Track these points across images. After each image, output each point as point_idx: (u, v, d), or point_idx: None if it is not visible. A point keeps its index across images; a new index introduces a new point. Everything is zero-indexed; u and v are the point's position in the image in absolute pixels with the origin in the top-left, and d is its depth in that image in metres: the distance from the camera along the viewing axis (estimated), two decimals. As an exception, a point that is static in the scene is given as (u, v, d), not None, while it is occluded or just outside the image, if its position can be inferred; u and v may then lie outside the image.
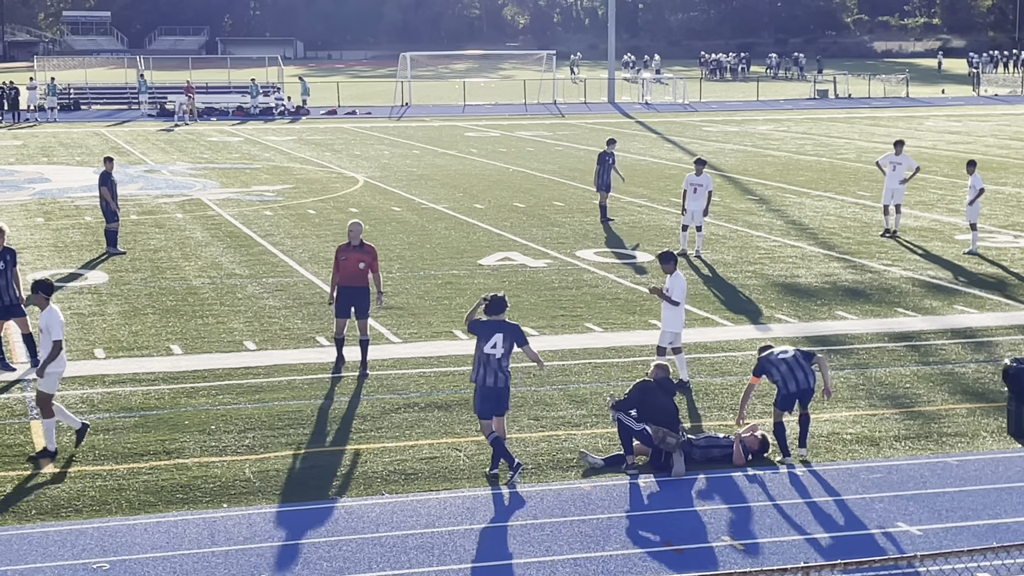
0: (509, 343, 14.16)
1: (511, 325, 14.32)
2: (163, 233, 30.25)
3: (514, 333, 14.23)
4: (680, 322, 17.27)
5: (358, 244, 18.25)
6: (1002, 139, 54.27)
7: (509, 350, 14.17)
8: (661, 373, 14.70)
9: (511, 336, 14.19)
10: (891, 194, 29.73)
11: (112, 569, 11.81)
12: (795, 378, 14.69)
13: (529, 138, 56.10)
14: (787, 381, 14.69)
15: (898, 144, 30.11)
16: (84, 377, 18.03)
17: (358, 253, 18.19)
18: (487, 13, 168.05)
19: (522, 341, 14.27)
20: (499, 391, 14.21)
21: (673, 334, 17.28)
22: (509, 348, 14.17)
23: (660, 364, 14.94)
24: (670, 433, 14.31)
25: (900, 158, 29.75)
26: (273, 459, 14.69)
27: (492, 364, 14.16)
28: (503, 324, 14.25)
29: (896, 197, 29.68)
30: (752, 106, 77.24)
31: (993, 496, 13.59)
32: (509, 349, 14.17)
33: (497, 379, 14.16)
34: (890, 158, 30.05)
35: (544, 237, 29.42)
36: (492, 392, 14.20)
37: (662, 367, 14.82)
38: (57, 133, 58.83)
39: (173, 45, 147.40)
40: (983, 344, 19.89)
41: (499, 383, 14.17)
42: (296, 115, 70.57)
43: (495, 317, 14.28)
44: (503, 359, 14.15)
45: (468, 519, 12.98)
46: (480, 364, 14.21)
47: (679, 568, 11.76)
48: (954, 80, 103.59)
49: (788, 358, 14.81)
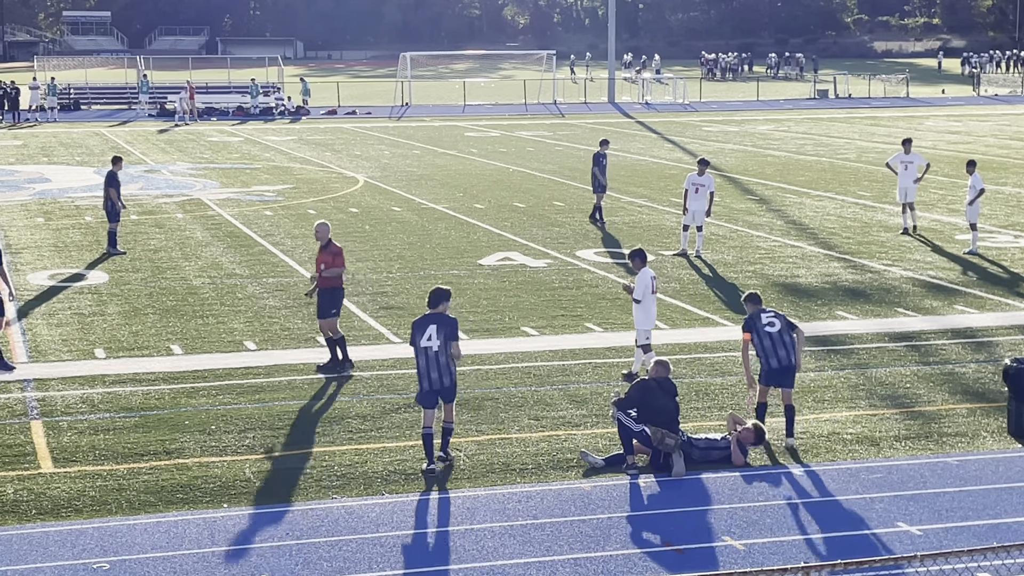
0: (444, 335, 14.26)
1: (447, 318, 14.44)
2: (163, 233, 30.25)
3: (449, 325, 14.36)
4: (646, 319, 17.60)
5: (325, 244, 18.65)
6: (1002, 139, 54.27)
7: (445, 343, 14.25)
8: (661, 371, 14.72)
9: (445, 328, 14.31)
10: (905, 193, 30.17)
11: (112, 569, 11.81)
12: (777, 355, 15.13)
13: (529, 138, 56.11)
14: (769, 357, 15.14)
15: (907, 143, 30.65)
16: (84, 377, 18.03)
17: (323, 254, 18.58)
18: (487, 13, 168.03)
19: (453, 336, 14.33)
20: (452, 384, 14.43)
21: (643, 331, 17.63)
22: (444, 341, 14.25)
23: (659, 361, 14.96)
24: (669, 434, 14.31)
25: (911, 157, 30.24)
26: (273, 459, 14.69)
27: (431, 357, 14.30)
28: (439, 316, 14.40)
29: (910, 195, 30.13)
30: (752, 106, 77.24)
31: (993, 496, 13.59)
32: (444, 342, 14.25)
33: (442, 372, 14.32)
34: (900, 157, 30.46)
35: (544, 237, 29.42)
36: (443, 384, 14.37)
37: (662, 364, 14.84)
38: (57, 133, 58.84)
39: (173, 45, 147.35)
40: (983, 344, 19.89)
41: (446, 376, 14.34)
42: (296, 115, 70.56)
43: (433, 310, 14.48)
44: (440, 352, 14.26)
45: (468, 519, 12.98)
46: (419, 359, 14.38)
47: (679, 568, 11.76)
48: (954, 80, 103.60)
49: (773, 333, 15.18)
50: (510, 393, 17.23)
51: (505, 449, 15.01)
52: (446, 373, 14.34)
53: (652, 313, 17.72)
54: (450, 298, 14.67)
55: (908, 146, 30.43)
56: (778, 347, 15.16)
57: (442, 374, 14.32)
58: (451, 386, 14.47)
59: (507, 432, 15.64)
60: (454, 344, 14.32)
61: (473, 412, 16.42)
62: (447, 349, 14.27)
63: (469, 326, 20.90)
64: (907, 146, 30.43)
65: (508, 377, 18.02)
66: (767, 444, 14.90)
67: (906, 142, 30.67)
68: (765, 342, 15.19)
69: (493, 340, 20.06)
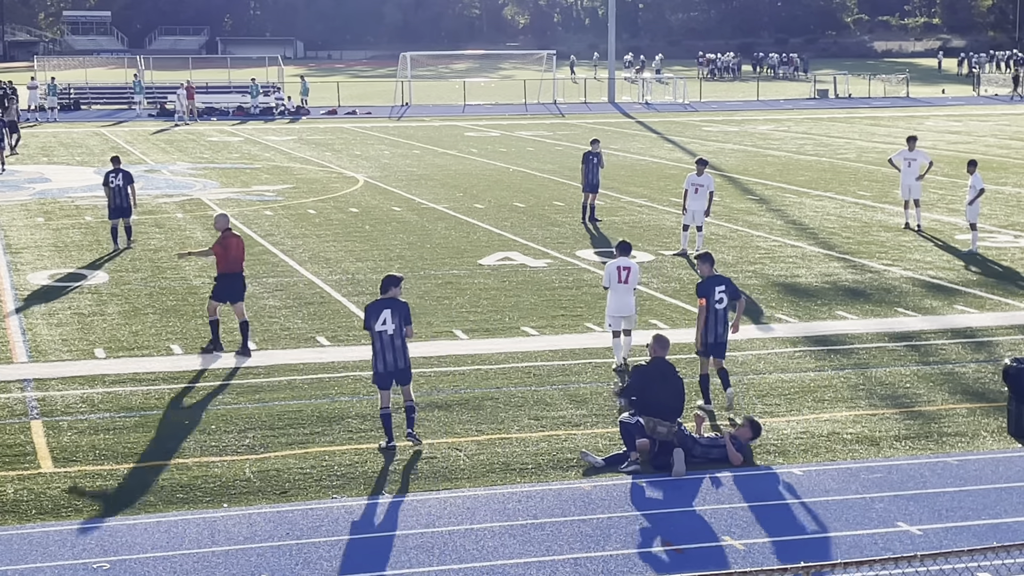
0: (397, 319, 14.85)
1: (400, 302, 15.03)
2: (163, 233, 30.25)
3: (402, 309, 14.96)
4: (615, 307, 18.23)
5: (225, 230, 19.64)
6: (1002, 139, 54.27)
7: (400, 325, 14.85)
8: (659, 350, 14.78)
9: (399, 311, 14.91)
10: (908, 190, 30.38)
11: (112, 569, 11.81)
12: (716, 331, 16.38)
13: (529, 138, 56.11)
14: (709, 331, 16.34)
15: (911, 140, 30.85)
16: (84, 377, 18.03)
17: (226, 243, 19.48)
18: (487, 13, 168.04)
19: (407, 320, 14.99)
20: (406, 367, 15.03)
21: (608, 317, 18.43)
22: (399, 324, 14.85)
23: (657, 336, 15.07)
24: (660, 422, 14.35)
25: (914, 154, 30.43)
26: (273, 459, 14.69)
27: (386, 340, 14.88)
28: (392, 301, 15.00)
29: (914, 192, 30.33)
30: (752, 106, 77.24)
31: (993, 496, 13.59)
32: (399, 325, 14.85)
33: (397, 354, 14.94)
34: (904, 154, 30.66)
35: (544, 237, 29.42)
36: (398, 367, 14.97)
37: (659, 341, 14.92)
38: (57, 133, 58.85)
39: (173, 45, 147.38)
40: (983, 344, 19.89)
41: (400, 359, 14.96)
42: (296, 115, 70.58)
43: (385, 295, 15.07)
44: (395, 335, 14.87)
45: (467, 519, 12.98)
46: (376, 341, 14.95)
47: (679, 568, 11.76)
48: (954, 80, 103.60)
49: (720, 310, 16.36)
50: (510, 393, 17.23)
51: (505, 449, 15.01)
52: (401, 355, 14.97)
53: (624, 303, 18.19)
54: (400, 283, 15.30)
55: (912, 143, 30.59)
56: (719, 324, 16.40)
57: (397, 356, 14.96)
58: (406, 368, 15.09)
59: (507, 432, 15.64)
60: (408, 327, 14.98)
61: (473, 412, 16.42)
62: (402, 332, 14.92)
63: (469, 326, 20.91)
64: (911, 143, 30.59)
65: (508, 377, 18.02)
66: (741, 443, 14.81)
67: (911, 139, 30.84)
68: (710, 317, 16.33)
69: (493, 340, 20.06)
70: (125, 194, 28.25)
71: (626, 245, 18.57)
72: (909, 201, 30.39)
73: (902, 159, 30.59)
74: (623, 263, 18.22)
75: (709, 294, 16.34)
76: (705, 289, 16.41)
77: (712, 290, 16.36)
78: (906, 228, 30.10)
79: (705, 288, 16.42)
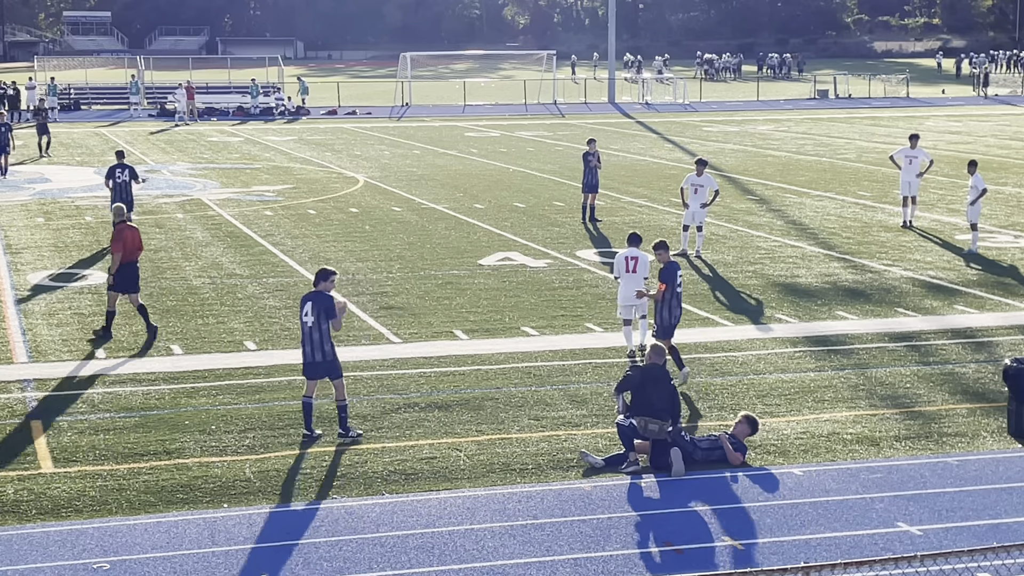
0: (318, 311, 14.97)
1: (322, 295, 15.10)
2: (163, 233, 30.26)
3: (323, 302, 15.05)
4: (624, 295, 18.85)
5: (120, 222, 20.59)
6: (1002, 139, 54.28)
7: (319, 317, 14.96)
8: (654, 358, 14.79)
9: (319, 305, 15.02)
10: (908, 186, 30.90)
11: (112, 569, 11.81)
12: (672, 313, 17.47)
13: (529, 138, 56.11)
14: (671, 314, 17.46)
15: (913, 138, 31.65)
16: (84, 377, 18.04)
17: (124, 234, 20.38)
18: (487, 13, 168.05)
19: (331, 314, 15.04)
20: (324, 360, 15.11)
21: (622, 307, 19.00)
22: (319, 316, 14.96)
23: (655, 346, 15.08)
24: (652, 420, 14.37)
25: (916, 152, 31.11)
26: (273, 459, 14.70)
27: (306, 332, 15.09)
28: (316, 294, 15.15)
29: (912, 189, 30.88)
30: (752, 106, 77.25)
31: (993, 496, 13.59)
32: (319, 317, 14.96)
33: (314, 347, 15.08)
34: (906, 152, 31.27)
35: (544, 237, 29.42)
36: (315, 359, 15.10)
37: (657, 350, 14.93)
38: (57, 133, 58.78)
39: (173, 45, 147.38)
40: (983, 344, 19.89)
41: (317, 352, 15.09)
42: (296, 115, 70.57)
43: (315, 288, 15.25)
44: (314, 328, 15.01)
45: (468, 519, 12.98)
46: (302, 333, 15.22)
47: (679, 568, 11.76)
48: (954, 80, 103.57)
49: (679, 292, 17.49)
50: (510, 393, 17.24)
51: (505, 449, 15.01)
52: (319, 348, 15.10)
53: (624, 290, 18.86)
54: (330, 277, 15.34)
55: (914, 141, 31.34)
56: (674, 307, 17.49)
57: (315, 348, 15.12)
58: (325, 362, 15.18)
59: (507, 432, 15.64)
60: (332, 320, 15.03)
61: (473, 412, 16.42)
62: (320, 325, 15.02)
63: (469, 326, 20.91)
64: (913, 141, 31.34)
65: (508, 377, 18.02)
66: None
67: (913, 137, 31.59)
68: (672, 300, 17.39)
69: (493, 340, 20.06)
70: (129, 188, 29.17)
71: (636, 237, 19.26)
72: (908, 198, 30.78)
73: (903, 156, 31.13)
74: (631, 253, 18.88)
75: (671, 279, 17.45)
76: (668, 275, 17.46)
77: (674, 275, 17.54)
78: (903, 227, 30.33)
79: (668, 274, 17.48)
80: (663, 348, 15.16)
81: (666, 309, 17.46)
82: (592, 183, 31.45)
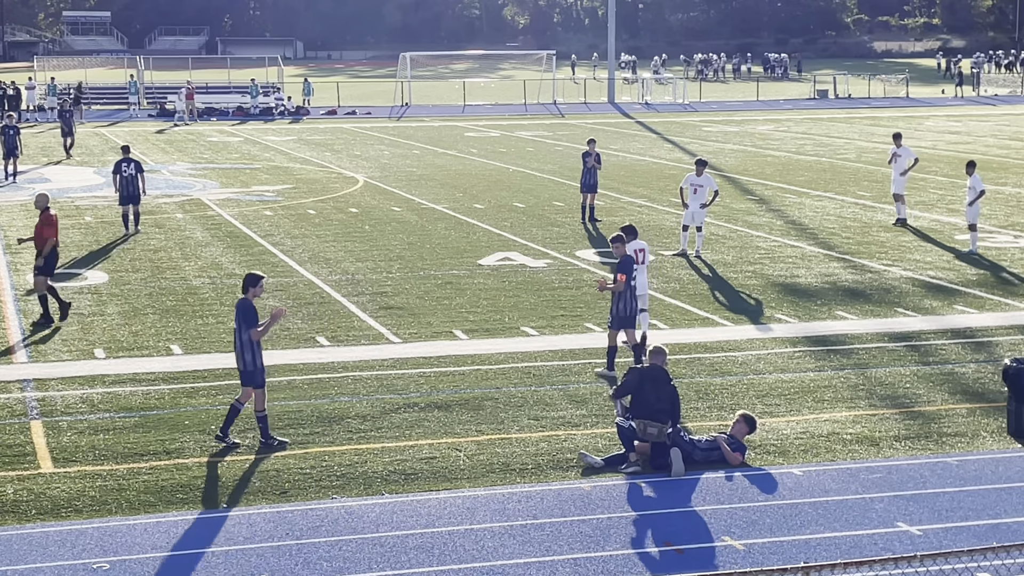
0: (238, 319, 14.89)
1: (243, 303, 14.96)
2: (163, 233, 30.26)
3: (242, 310, 14.92)
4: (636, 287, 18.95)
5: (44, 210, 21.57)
6: (1002, 139, 54.27)
7: (239, 326, 14.82)
8: (655, 359, 14.79)
9: (238, 312, 14.93)
10: (893, 184, 31.54)
11: (112, 569, 11.81)
12: (631, 306, 17.62)
13: (529, 138, 56.11)
14: (626, 305, 17.54)
15: (896, 137, 32.19)
16: (84, 377, 18.04)
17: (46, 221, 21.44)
18: (487, 13, 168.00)
19: (246, 321, 14.83)
20: (244, 368, 14.97)
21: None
22: (238, 323, 14.84)
23: (657, 348, 15.04)
24: (651, 423, 14.36)
25: (901, 150, 31.51)
26: (273, 459, 14.69)
27: (234, 340, 14.99)
28: (239, 302, 15.04)
29: (897, 187, 31.36)
30: (752, 106, 77.25)
31: (993, 496, 13.59)
32: (239, 324, 14.83)
33: (236, 355, 15.00)
34: (892, 150, 31.80)
35: (544, 237, 29.42)
36: (237, 367, 15.07)
37: (659, 352, 14.91)
38: (57, 133, 58.78)
39: (173, 45, 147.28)
40: (983, 344, 19.89)
41: (239, 360, 14.96)
42: (296, 115, 70.57)
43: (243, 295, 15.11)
44: (236, 337, 14.91)
45: (468, 519, 12.98)
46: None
47: (679, 568, 11.76)
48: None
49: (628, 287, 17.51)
50: (510, 393, 17.24)
51: (505, 449, 15.01)
52: (240, 357, 14.96)
53: (640, 282, 18.93)
54: (258, 283, 15.10)
55: (898, 140, 31.92)
56: (632, 298, 17.68)
57: (237, 356, 14.99)
58: (244, 371, 14.98)
59: (507, 432, 15.64)
60: (251, 331, 14.82)
61: (473, 412, 16.42)
62: (240, 334, 14.87)
63: (469, 326, 20.92)
64: (897, 140, 31.92)
65: (508, 377, 18.02)
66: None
67: (895, 136, 32.22)
68: (627, 291, 17.52)
69: (493, 340, 20.06)
70: (136, 182, 30.16)
71: (632, 228, 19.28)
72: (895, 195, 31.38)
73: (890, 154, 31.78)
74: (637, 245, 19.05)
75: (630, 271, 17.67)
76: (627, 267, 17.69)
77: (630, 267, 17.73)
78: (895, 225, 30.73)
79: (626, 266, 17.70)
80: (664, 350, 15.12)
81: (621, 301, 17.66)
82: (590, 183, 31.45)
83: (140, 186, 30.34)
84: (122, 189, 30.12)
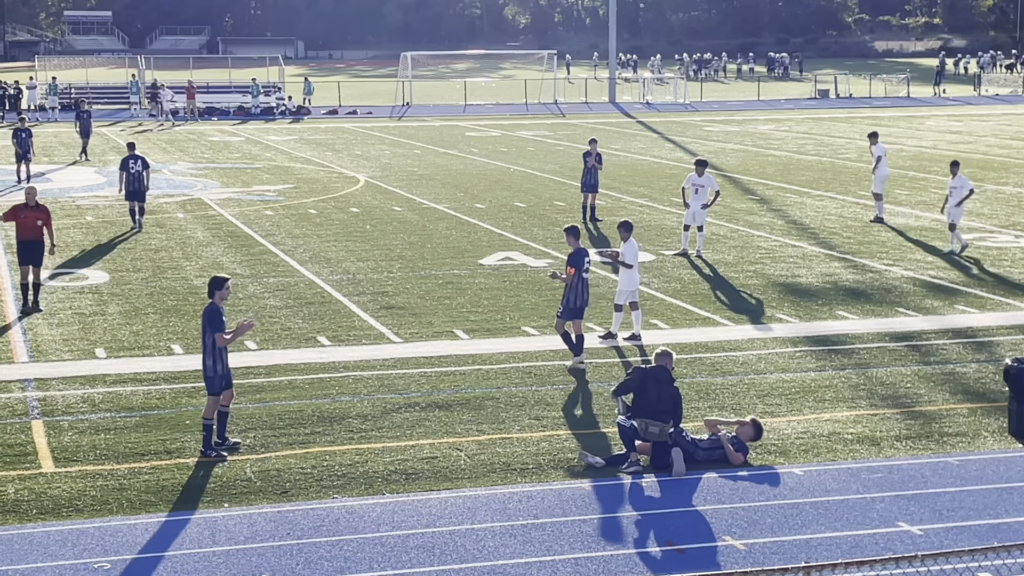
0: (203, 323, 14.81)
1: (209, 307, 14.81)
2: (164, 233, 30.26)
3: (207, 315, 14.80)
4: (634, 281, 19.72)
5: (34, 205, 22.07)
6: (1003, 139, 54.26)
7: (204, 329, 14.74)
8: (661, 361, 14.77)
9: (203, 317, 14.85)
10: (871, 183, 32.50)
11: (112, 569, 11.81)
12: (581, 296, 18.17)
13: (530, 138, 56.11)
14: (572, 296, 18.13)
15: (872, 136, 32.90)
16: (85, 377, 18.04)
17: (35, 212, 21.98)
18: (488, 13, 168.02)
19: (215, 327, 14.66)
20: (204, 374, 14.89)
21: (628, 292, 19.73)
22: (203, 328, 14.77)
23: (664, 351, 15.01)
24: (652, 423, 14.36)
25: (876, 148, 32.11)
26: (273, 459, 14.69)
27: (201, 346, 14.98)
28: (207, 306, 14.89)
29: (874, 185, 32.09)
30: (753, 106, 77.24)
31: (994, 496, 13.59)
32: (203, 329, 14.76)
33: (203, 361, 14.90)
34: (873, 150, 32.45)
35: (545, 237, 29.42)
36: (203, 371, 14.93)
37: (666, 354, 14.89)
38: (58, 133, 58.86)
39: (174, 45, 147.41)
40: (984, 344, 19.88)
41: (205, 369, 14.84)
42: (297, 115, 70.56)
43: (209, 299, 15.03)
44: (202, 340, 14.84)
45: (468, 519, 12.98)
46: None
47: (679, 568, 11.76)
48: (954, 80, 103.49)
49: (586, 278, 18.27)
50: (511, 393, 17.24)
51: (506, 449, 15.01)
52: (203, 362, 14.85)
53: (636, 278, 19.81)
54: (223, 285, 14.93)
55: (873, 139, 32.55)
56: (584, 291, 18.21)
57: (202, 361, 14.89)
58: (205, 376, 14.82)
59: (508, 432, 15.64)
60: (216, 335, 14.65)
61: (474, 412, 16.42)
62: (204, 339, 14.80)
63: (470, 326, 20.91)
64: (872, 139, 32.58)
65: (509, 377, 18.02)
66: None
67: (871, 135, 32.94)
68: (578, 285, 18.11)
69: (494, 340, 20.06)
70: (142, 178, 30.70)
71: (629, 224, 19.89)
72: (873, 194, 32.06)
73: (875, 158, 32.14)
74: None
75: (579, 264, 18.22)
76: (576, 260, 18.23)
77: (582, 261, 18.27)
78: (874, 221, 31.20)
79: (576, 259, 18.24)
80: (671, 352, 15.08)
81: (573, 293, 18.13)
82: (591, 183, 31.45)
83: (146, 182, 30.84)
84: (128, 185, 30.65)
